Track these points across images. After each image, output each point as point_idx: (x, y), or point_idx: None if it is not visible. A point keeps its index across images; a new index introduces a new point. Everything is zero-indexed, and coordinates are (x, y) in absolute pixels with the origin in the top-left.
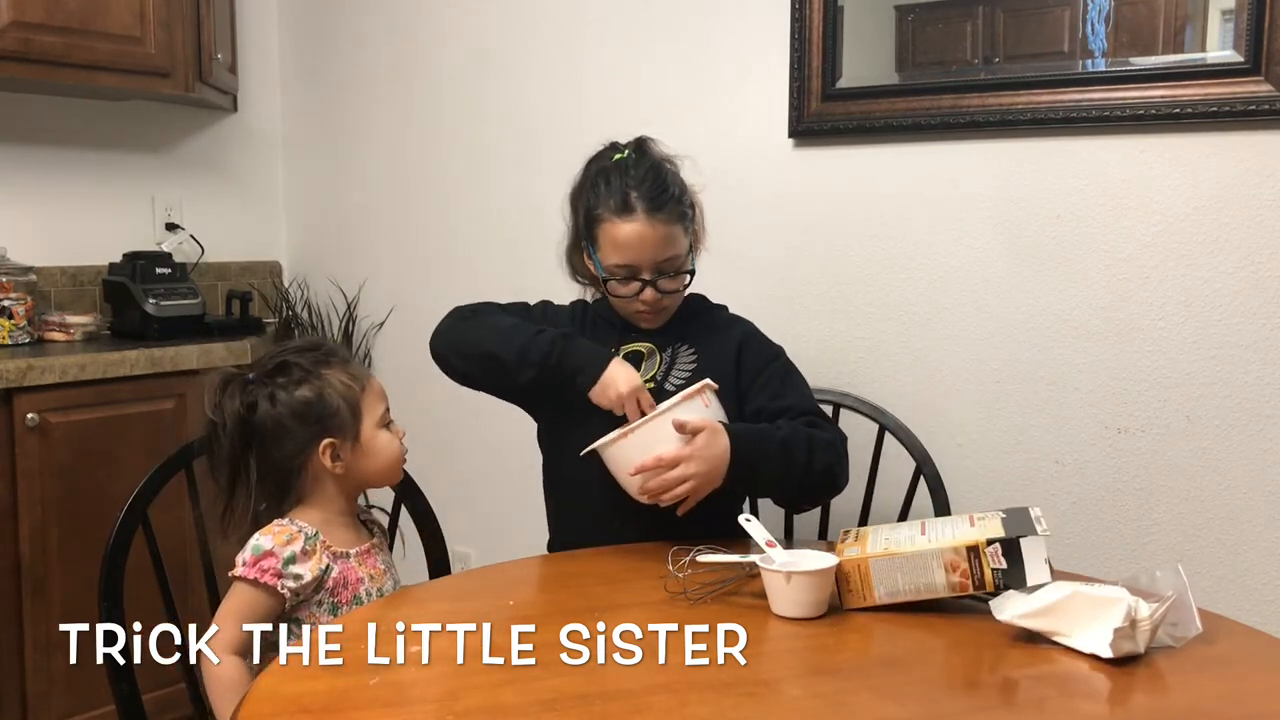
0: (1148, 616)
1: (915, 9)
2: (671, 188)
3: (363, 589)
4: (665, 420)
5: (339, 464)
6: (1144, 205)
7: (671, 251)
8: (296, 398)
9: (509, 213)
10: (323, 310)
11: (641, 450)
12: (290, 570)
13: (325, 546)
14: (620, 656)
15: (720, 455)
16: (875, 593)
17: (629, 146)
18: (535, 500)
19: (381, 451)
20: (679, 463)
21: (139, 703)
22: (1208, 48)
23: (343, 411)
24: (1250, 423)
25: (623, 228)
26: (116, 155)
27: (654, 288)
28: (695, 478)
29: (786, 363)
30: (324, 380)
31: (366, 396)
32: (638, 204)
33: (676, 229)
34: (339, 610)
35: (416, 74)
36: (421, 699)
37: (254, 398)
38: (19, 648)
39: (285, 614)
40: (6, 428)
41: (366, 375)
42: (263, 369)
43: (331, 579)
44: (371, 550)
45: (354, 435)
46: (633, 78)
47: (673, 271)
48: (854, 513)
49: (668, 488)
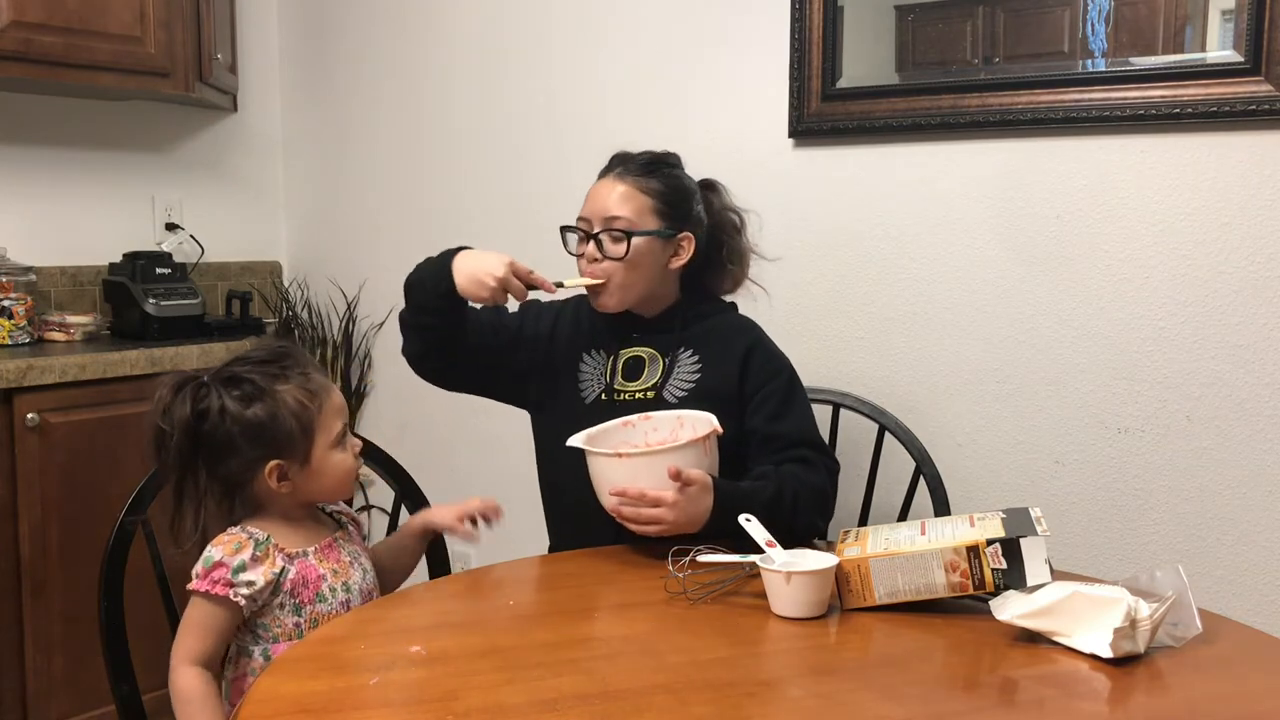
0: (1148, 616)
1: (915, 9)
2: (660, 170)
3: (325, 585)
4: (662, 460)
5: (285, 484)
6: (1144, 205)
7: (620, 211)
8: (247, 416)
9: (509, 212)
10: (323, 310)
11: (628, 476)
12: (241, 579)
13: (278, 549)
14: (620, 656)
15: (701, 513)
16: (875, 593)
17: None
18: (535, 500)
19: (331, 471)
20: (660, 504)
21: (139, 703)
22: (1208, 48)
23: (294, 433)
24: (1250, 423)
25: (594, 185)
26: (116, 155)
27: (596, 243)
28: (670, 524)
29: (790, 380)
30: (277, 400)
31: (322, 416)
32: (617, 166)
33: (640, 197)
34: (302, 610)
35: (416, 74)
36: (421, 699)
37: (204, 405)
38: (19, 648)
39: (247, 620)
40: (6, 428)
41: (325, 390)
42: (216, 375)
43: (289, 580)
44: (334, 544)
45: (304, 456)
46: (633, 78)
47: (618, 233)
48: (854, 513)
49: (639, 521)
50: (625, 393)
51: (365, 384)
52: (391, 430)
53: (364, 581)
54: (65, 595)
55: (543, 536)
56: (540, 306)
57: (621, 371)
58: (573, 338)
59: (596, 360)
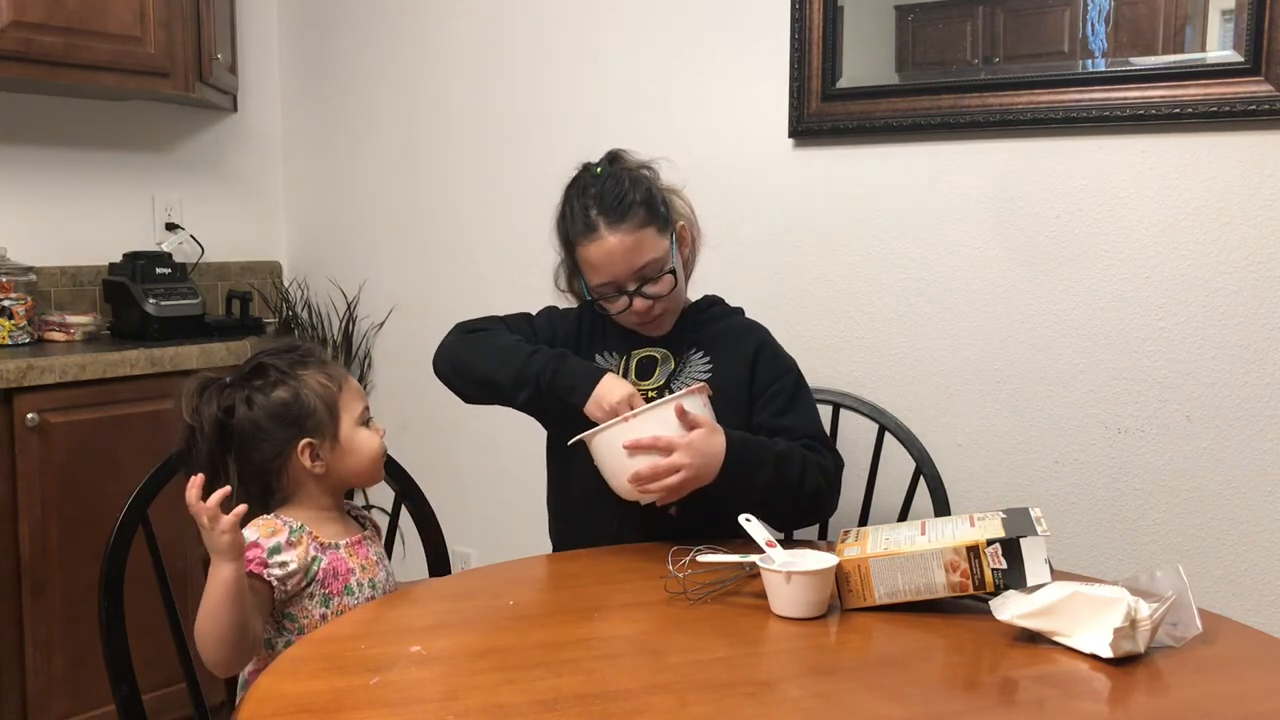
0: (1148, 616)
1: (915, 9)
2: (632, 193)
3: (353, 579)
4: (668, 407)
5: (319, 463)
6: (1144, 205)
7: (647, 257)
8: (273, 400)
9: (509, 212)
10: (323, 310)
11: (639, 435)
12: (276, 559)
13: (312, 538)
14: (620, 656)
15: (716, 452)
16: (875, 593)
17: (601, 162)
18: (535, 500)
19: (361, 449)
20: (675, 449)
21: (139, 703)
22: (1208, 48)
23: (320, 411)
24: (1250, 423)
25: (591, 249)
26: (116, 155)
27: (641, 296)
28: (688, 469)
29: (797, 379)
30: (300, 381)
31: (344, 395)
32: (599, 220)
33: (646, 233)
34: (330, 602)
35: (416, 73)
36: (421, 699)
37: (231, 401)
38: (19, 648)
39: (276, 608)
40: (6, 428)
41: (343, 375)
42: (239, 372)
43: (321, 569)
44: (363, 541)
45: (332, 435)
46: (633, 78)
47: (655, 275)
48: (854, 513)
49: (659, 475)
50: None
51: (365, 384)
52: (392, 430)
53: (388, 583)
54: (65, 595)
55: (542, 536)
56: (561, 311)
57: (635, 370)
58: (589, 338)
59: (610, 361)
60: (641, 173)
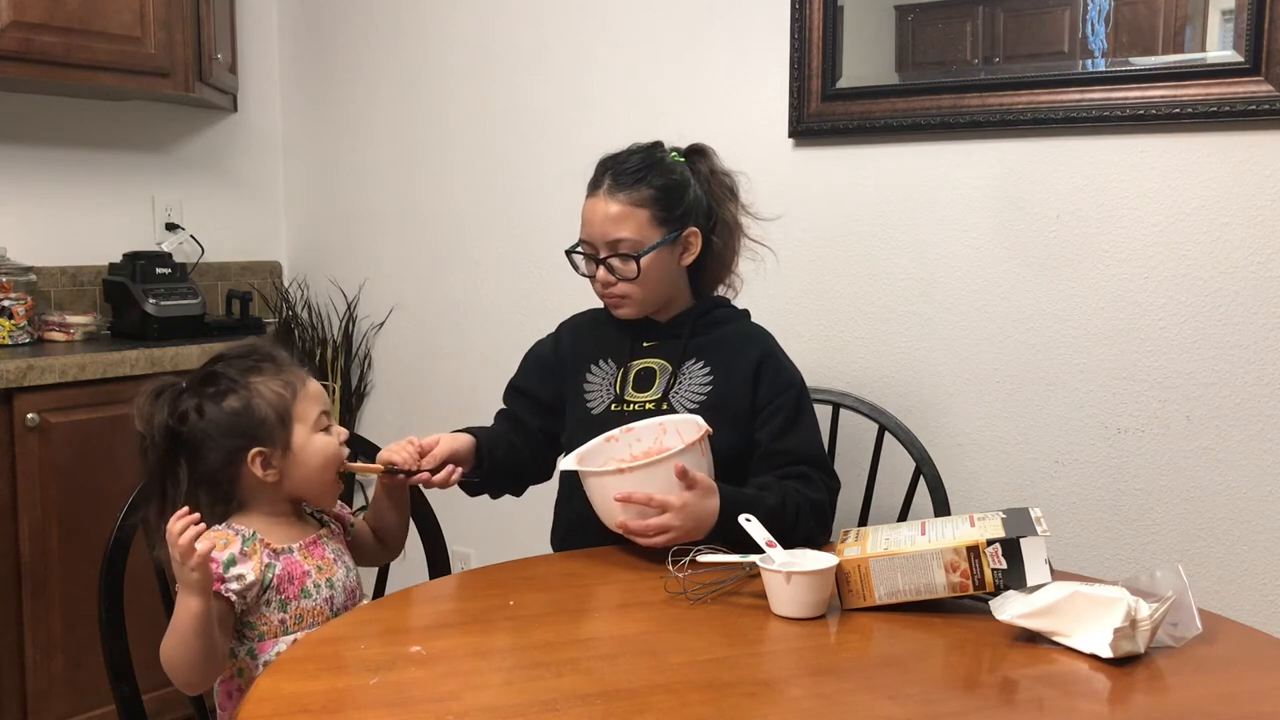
0: (1148, 616)
1: (915, 9)
2: (649, 175)
3: (309, 581)
4: (663, 468)
5: (271, 471)
6: (1144, 205)
7: (621, 233)
8: (224, 409)
9: (509, 212)
10: (323, 310)
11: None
12: (232, 573)
13: (265, 545)
14: (620, 656)
15: (708, 515)
16: (875, 593)
17: (674, 149)
18: (535, 500)
19: (315, 457)
20: (668, 509)
21: (139, 703)
22: (1208, 48)
23: (270, 420)
24: (1250, 423)
25: (587, 203)
26: (116, 155)
27: (605, 266)
28: (676, 530)
29: (799, 395)
30: (252, 390)
31: (298, 403)
32: (604, 180)
33: (639, 213)
34: (288, 606)
35: (416, 74)
36: (421, 699)
37: (183, 408)
38: (19, 648)
39: (238, 620)
40: (6, 428)
41: (301, 379)
42: (193, 379)
43: (276, 576)
44: (318, 541)
45: (284, 443)
46: (633, 78)
47: (626, 256)
48: (854, 513)
49: (647, 533)
50: (634, 403)
51: (365, 384)
52: (391, 430)
53: (348, 579)
54: (65, 595)
55: (543, 536)
56: (536, 347)
57: (633, 383)
58: (580, 348)
59: (606, 370)
60: (685, 171)
